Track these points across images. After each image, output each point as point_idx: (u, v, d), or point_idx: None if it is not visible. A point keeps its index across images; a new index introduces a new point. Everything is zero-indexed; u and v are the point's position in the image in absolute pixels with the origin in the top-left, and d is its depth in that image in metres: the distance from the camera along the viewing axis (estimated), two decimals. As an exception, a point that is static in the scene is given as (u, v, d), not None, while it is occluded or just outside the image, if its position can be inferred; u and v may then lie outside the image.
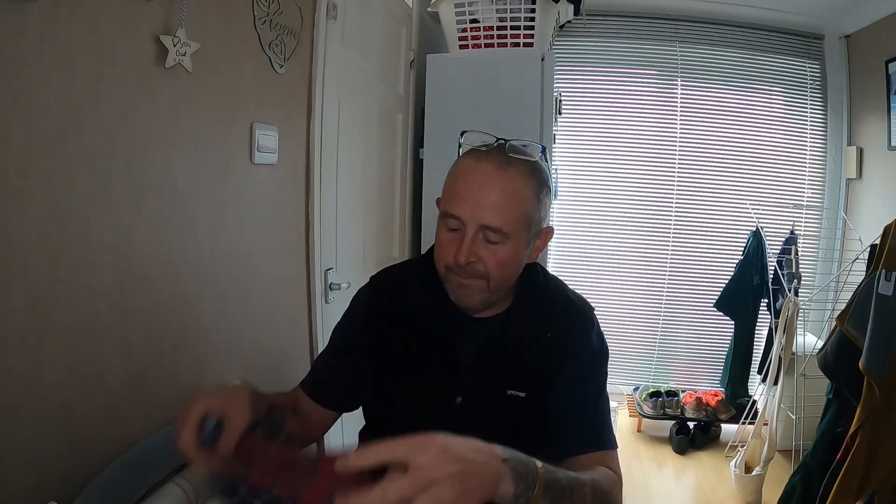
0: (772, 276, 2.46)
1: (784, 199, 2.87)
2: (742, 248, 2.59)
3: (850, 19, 2.71)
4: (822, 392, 1.82)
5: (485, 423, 0.83)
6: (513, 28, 1.99)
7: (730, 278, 2.58)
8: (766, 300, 2.50)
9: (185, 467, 0.90)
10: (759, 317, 2.58)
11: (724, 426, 2.71)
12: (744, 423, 2.45)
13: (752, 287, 2.51)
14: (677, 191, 2.94)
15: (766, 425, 2.22)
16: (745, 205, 2.73)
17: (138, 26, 0.85)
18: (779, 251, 2.48)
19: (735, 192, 2.90)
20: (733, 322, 2.62)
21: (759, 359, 2.57)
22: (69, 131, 0.75)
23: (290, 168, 1.34)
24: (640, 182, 2.96)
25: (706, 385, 2.94)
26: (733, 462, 2.27)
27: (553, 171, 2.17)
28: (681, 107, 2.92)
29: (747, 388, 2.67)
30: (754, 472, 2.15)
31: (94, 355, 0.81)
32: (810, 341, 2.37)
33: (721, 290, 2.60)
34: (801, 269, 2.37)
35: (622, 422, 2.86)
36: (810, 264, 2.87)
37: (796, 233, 2.50)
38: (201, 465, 0.62)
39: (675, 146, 2.92)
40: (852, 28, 2.73)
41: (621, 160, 2.96)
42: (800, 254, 2.43)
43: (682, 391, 2.83)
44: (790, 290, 2.25)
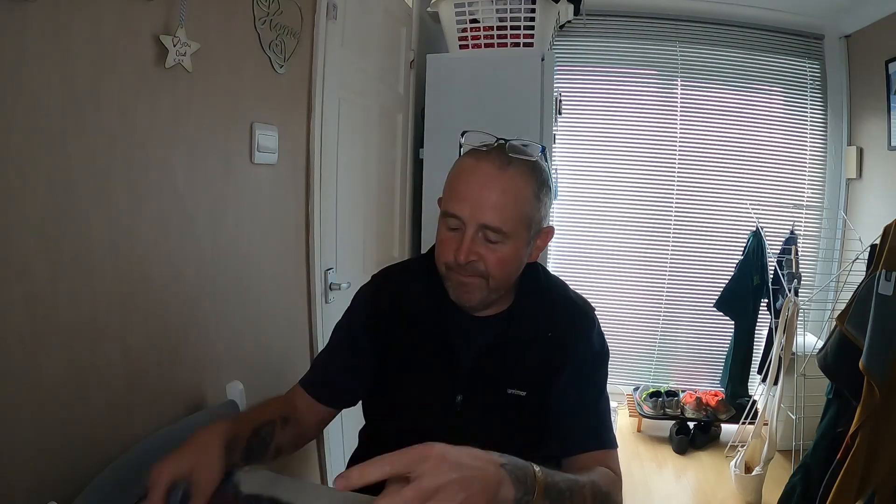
0: (772, 276, 2.46)
1: (784, 199, 2.88)
2: (742, 248, 2.59)
3: (850, 19, 2.71)
4: (822, 392, 1.82)
5: (485, 422, 0.84)
6: (513, 28, 1.99)
7: (730, 278, 2.58)
8: (766, 300, 2.50)
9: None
10: (759, 317, 2.58)
11: (724, 426, 2.71)
12: (744, 423, 2.44)
13: (752, 287, 2.51)
14: (677, 191, 2.94)
15: (766, 425, 2.22)
16: (745, 205, 2.74)
17: (138, 26, 0.85)
18: (779, 251, 2.48)
19: (735, 192, 2.91)
20: (733, 322, 2.62)
21: (759, 359, 2.57)
22: (69, 131, 0.75)
23: (290, 168, 1.34)
24: (639, 182, 2.96)
25: (706, 385, 2.94)
26: (733, 462, 2.27)
27: (553, 171, 2.16)
28: (681, 107, 2.92)
29: (747, 388, 2.67)
30: (754, 472, 2.15)
31: (93, 355, 0.81)
32: (810, 341, 2.36)
33: (721, 289, 2.60)
34: (801, 269, 2.37)
35: (622, 422, 2.86)
36: (810, 264, 2.88)
37: (796, 233, 2.50)
38: None
39: (675, 146, 2.92)
40: (852, 28, 2.73)
41: (621, 160, 2.96)
42: (800, 254, 2.43)
43: (682, 391, 2.83)
44: (790, 290, 2.25)
